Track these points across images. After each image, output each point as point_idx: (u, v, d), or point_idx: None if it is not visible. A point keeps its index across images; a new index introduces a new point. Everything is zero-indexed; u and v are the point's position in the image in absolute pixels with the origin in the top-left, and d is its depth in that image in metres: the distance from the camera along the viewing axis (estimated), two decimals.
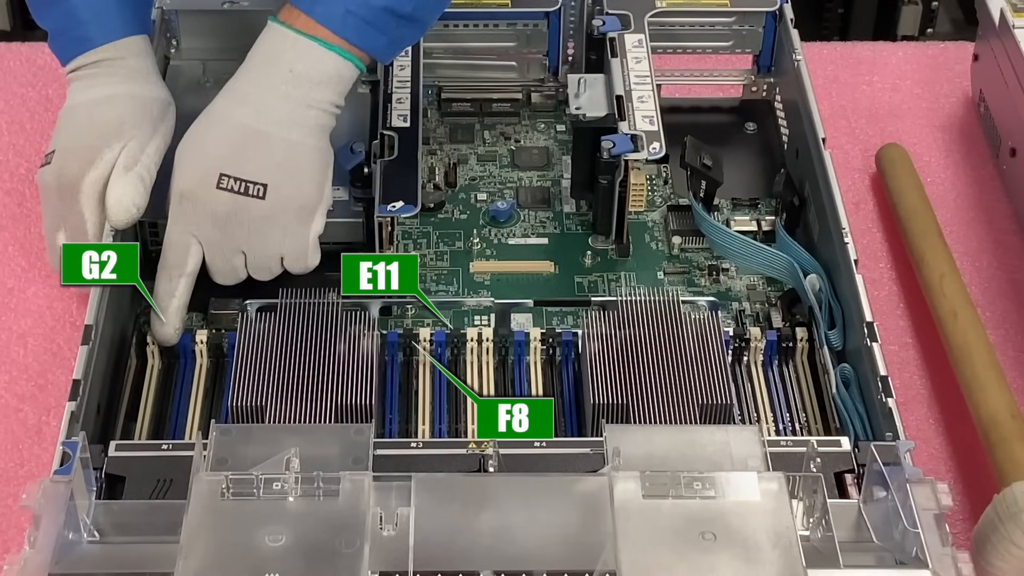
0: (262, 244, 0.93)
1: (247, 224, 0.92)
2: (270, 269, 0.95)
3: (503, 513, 0.75)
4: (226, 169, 0.91)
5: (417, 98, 1.04)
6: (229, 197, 0.91)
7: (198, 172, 0.92)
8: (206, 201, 0.92)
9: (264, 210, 0.92)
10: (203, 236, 0.93)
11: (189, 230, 0.93)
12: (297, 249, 0.94)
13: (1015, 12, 1.11)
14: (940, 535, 0.73)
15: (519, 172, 1.11)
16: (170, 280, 0.93)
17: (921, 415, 0.97)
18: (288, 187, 0.92)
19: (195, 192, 0.92)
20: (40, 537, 0.73)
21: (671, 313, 0.92)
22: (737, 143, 1.14)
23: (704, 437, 0.80)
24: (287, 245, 0.93)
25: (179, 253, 0.93)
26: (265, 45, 0.94)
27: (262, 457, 0.77)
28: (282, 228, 0.93)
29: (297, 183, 0.93)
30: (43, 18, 0.98)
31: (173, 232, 0.93)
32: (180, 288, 0.93)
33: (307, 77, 0.92)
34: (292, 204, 0.92)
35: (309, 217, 0.93)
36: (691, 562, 0.72)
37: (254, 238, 0.93)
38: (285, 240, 0.93)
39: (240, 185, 0.91)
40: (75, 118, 0.97)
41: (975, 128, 1.19)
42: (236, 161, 0.91)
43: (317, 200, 0.94)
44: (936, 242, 1.04)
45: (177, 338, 0.94)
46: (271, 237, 0.93)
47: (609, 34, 1.08)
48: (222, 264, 0.94)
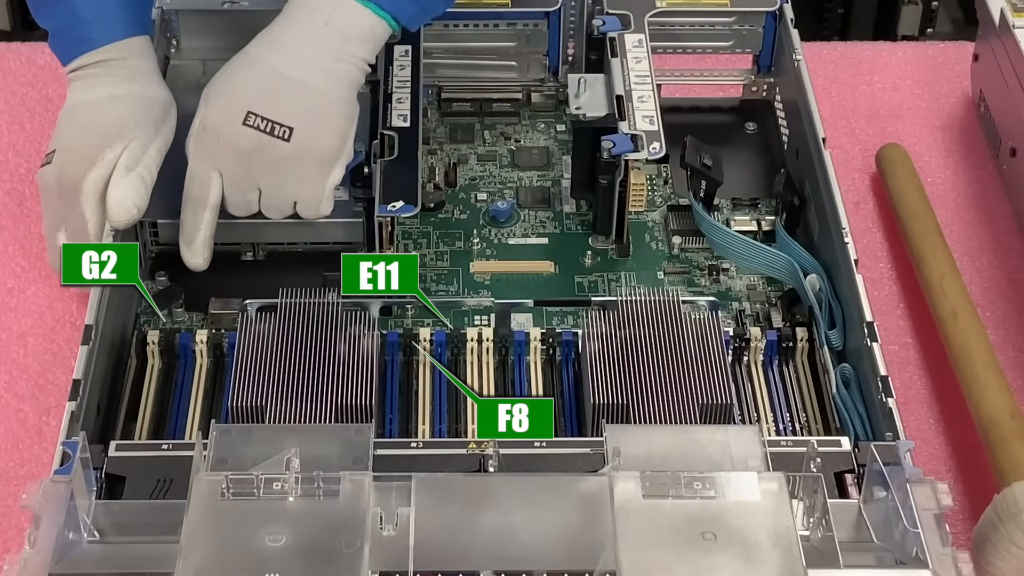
0: (279, 185, 0.94)
1: (268, 163, 0.93)
2: (282, 210, 0.96)
3: (503, 513, 0.75)
4: (254, 108, 0.92)
5: (417, 98, 1.04)
6: (254, 134, 0.92)
7: (226, 107, 0.93)
8: (231, 135, 0.93)
9: (286, 152, 0.93)
10: (224, 169, 0.94)
11: (212, 163, 0.94)
12: (312, 196, 0.95)
13: (1015, 12, 1.11)
14: (940, 535, 0.73)
15: (519, 172, 1.11)
16: (195, 213, 0.95)
17: (921, 415, 0.97)
18: (313, 133, 0.93)
19: (220, 126, 0.93)
20: (40, 537, 0.73)
21: (671, 313, 0.92)
22: (737, 143, 1.14)
23: (704, 437, 0.80)
24: (303, 190, 0.94)
25: (202, 185, 0.94)
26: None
27: (262, 457, 0.77)
28: (301, 173, 0.94)
29: (322, 131, 0.94)
30: (44, 18, 0.98)
31: (195, 165, 0.94)
32: (205, 220, 0.95)
33: (342, 31, 0.93)
34: (315, 151, 0.94)
35: (329, 166, 0.94)
36: (691, 562, 0.72)
37: (272, 178, 0.94)
38: (302, 185, 0.94)
39: (266, 124, 0.92)
40: (76, 118, 0.97)
41: (975, 128, 1.19)
42: (265, 102, 0.93)
43: (339, 150, 0.95)
44: (936, 242, 1.04)
45: (206, 266, 0.97)
46: (289, 180, 0.94)
47: (609, 34, 1.08)
48: (238, 197, 0.95)
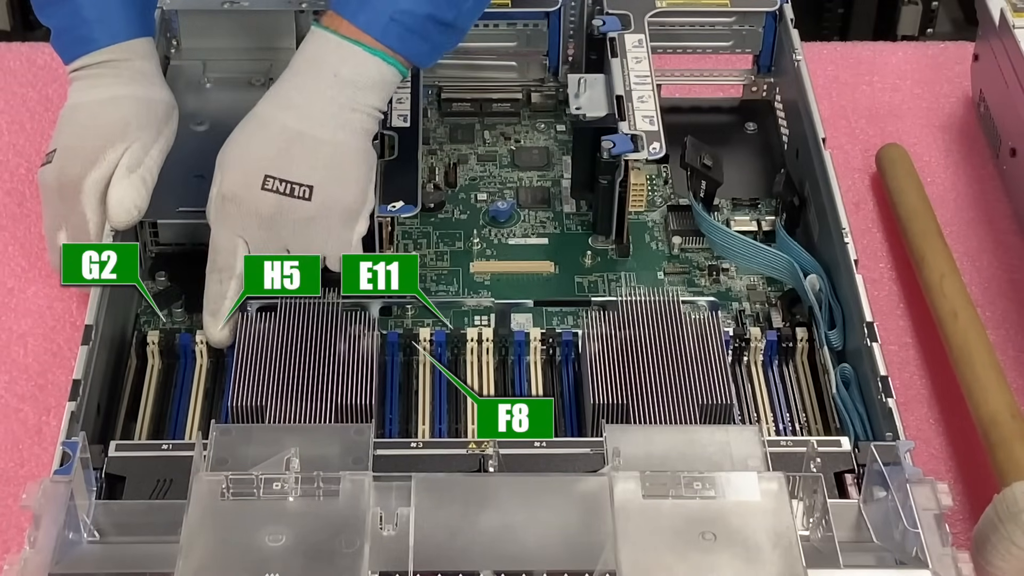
0: (306, 244, 0.92)
1: (292, 224, 0.91)
2: None
3: (503, 513, 0.75)
4: (271, 171, 0.91)
5: (417, 98, 1.04)
6: (274, 198, 0.91)
7: (243, 174, 0.91)
8: (251, 202, 0.91)
9: (309, 211, 0.91)
10: (249, 236, 0.92)
11: (235, 232, 0.92)
12: (339, 249, 0.93)
13: (1015, 12, 1.11)
14: (940, 535, 0.73)
15: (519, 172, 1.11)
16: (220, 283, 0.93)
17: (921, 415, 0.97)
18: (334, 189, 0.92)
19: (239, 194, 0.91)
20: (40, 537, 0.73)
21: (671, 313, 0.92)
22: (737, 143, 1.14)
23: (704, 437, 0.80)
24: (331, 246, 0.92)
25: (227, 256, 0.92)
26: (309, 50, 0.93)
27: (262, 457, 0.77)
28: (327, 229, 0.92)
29: (342, 185, 0.92)
30: (47, 16, 0.98)
31: (219, 236, 0.92)
32: (231, 290, 0.93)
33: (351, 81, 0.92)
34: (337, 206, 0.92)
35: (354, 219, 0.93)
36: (691, 562, 0.72)
37: (299, 238, 0.92)
38: (329, 241, 0.92)
39: (285, 187, 0.90)
40: (77, 118, 0.97)
41: (975, 128, 1.19)
42: (281, 163, 0.91)
43: (362, 202, 0.93)
44: (936, 242, 1.04)
45: (231, 340, 0.93)
46: (315, 238, 0.92)
47: (609, 34, 1.08)
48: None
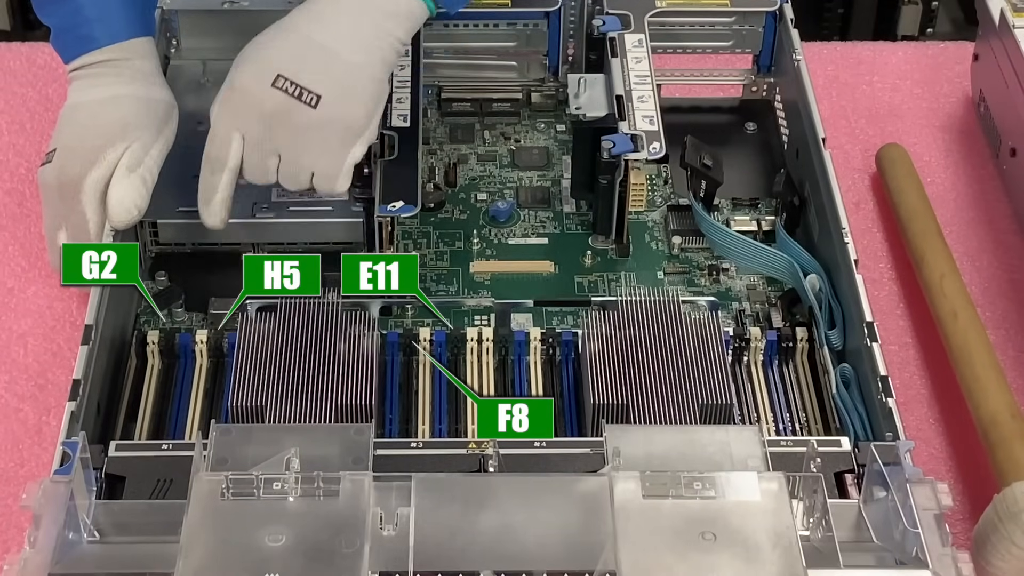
0: (300, 152, 0.93)
1: (291, 128, 0.92)
2: (299, 180, 0.95)
3: (503, 513, 0.75)
4: (284, 71, 0.92)
5: (417, 98, 1.04)
6: (282, 97, 0.92)
7: (256, 69, 0.93)
8: (258, 95, 0.92)
9: (311, 119, 0.92)
10: (247, 131, 0.93)
11: (235, 124, 0.93)
12: (330, 168, 0.94)
13: (1015, 12, 1.11)
14: (940, 535, 0.73)
15: (519, 172, 1.11)
16: (213, 174, 0.94)
17: (921, 415, 0.97)
18: (341, 104, 0.93)
19: (248, 86, 0.93)
20: (40, 537, 0.73)
21: (671, 313, 0.92)
22: (737, 143, 1.14)
23: (704, 437, 0.80)
24: (323, 162, 0.93)
25: (222, 146, 0.94)
26: None
27: (262, 457, 0.77)
28: (323, 142, 0.93)
29: (350, 103, 0.93)
30: (48, 15, 0.98)
31: (218, 125, 0.94)
32: (223, 182, 0.94)
33: (381, 8, 0.94)
34: (340, 122, 0.93)
35: (352, 140, 0.94)
36: (691, 562, 0.72)
37: (294, 144, 0.93)
38: (323, 156, 0.93)
39: (295, 89, 0.92)
40: (78, 117, 0.97)
41: (975, 128, 1.19)
42: (296, 67, 0.92)
43: (364, 126, 0.94)
44: (936, 242, 1.04)
45: (223, 227, 0.96)
46: (310, 148, 0.93)
47: (609, 34, 1.08)
48: (257, 161, 0.94)
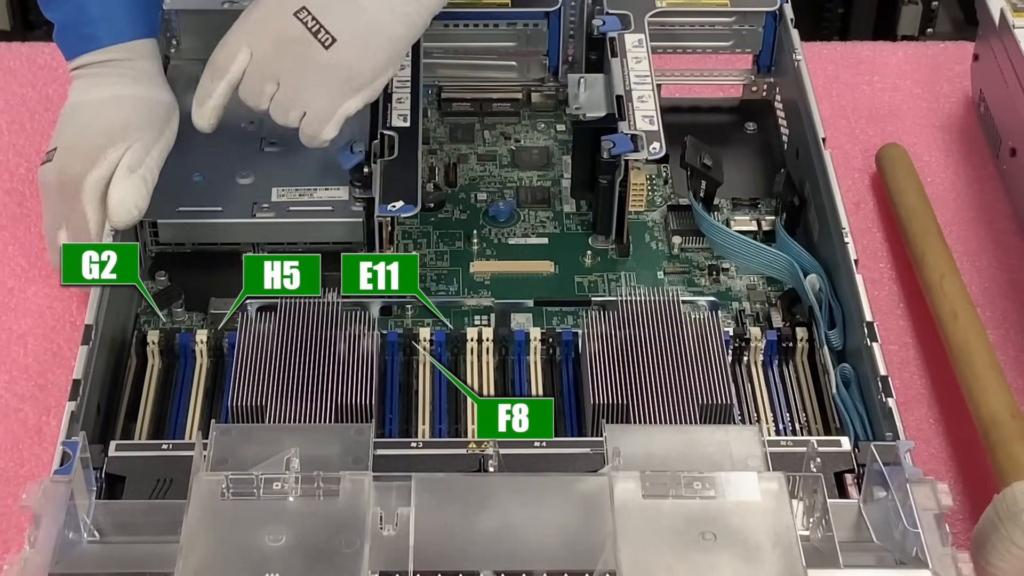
0: (299, 86, 0.94)
1: (298, 59, 0.94)
2: (288, 114, 0.95)
3: (503, 513, 0.75)
4: (310, 6, 0.93)
5: (417, 98, 1.04)
6: (300, 28, 0.93)
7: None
8: (278, 19, 0.94)
9: (320, 59, 0.93)
10: (256, 48, 0.94)
11: (246, 39, 0.95)
12: (322, 111, 0.95)
13: (1015, 12, 1.11)
14: (940, 535, 0.73)
15: (519, 172, 1.11)
16: (212, 80, 0.96)
17: (921, 415, 0.97)
18: (352, 53, 0.94)
19: (272, 7, 0.94)
20: (40, 537, 0.73)
21: (671, 313, 0.92)
22: (737, 143, 1.14)
23: (704, 437, 0.80)
24: (317, 102, 0.94)
25: (228, 56, 0.95)
26: None
27: (262, 457, 0.77)
28: (324, 83, 0.94)
29: (362, 55, 0.94)
30: (52, 10, 0.98)
31: (232, 35, 0.95)
32: (219, 90, 0.96)
33: None
34: (346, 69, 0.94)
35: (352, 91, 0.95)
36: (691, 562, 0.72)
37: (296, 76, 0.94)
38: (318, 96, 0.94)
39: (314, 25, 0.93)
40: (79, 116, 0.97)
41: (975, 128, 1.19)
42: (321, 6, 0.94)
43: (368, 82, 0.95)
44: (936, 242, 1.04)
45: (210, 131, 0.98)
46: (308, 85, 0.94)
47: (609, 34, 1.08)
48: (256, 80, 0.95)
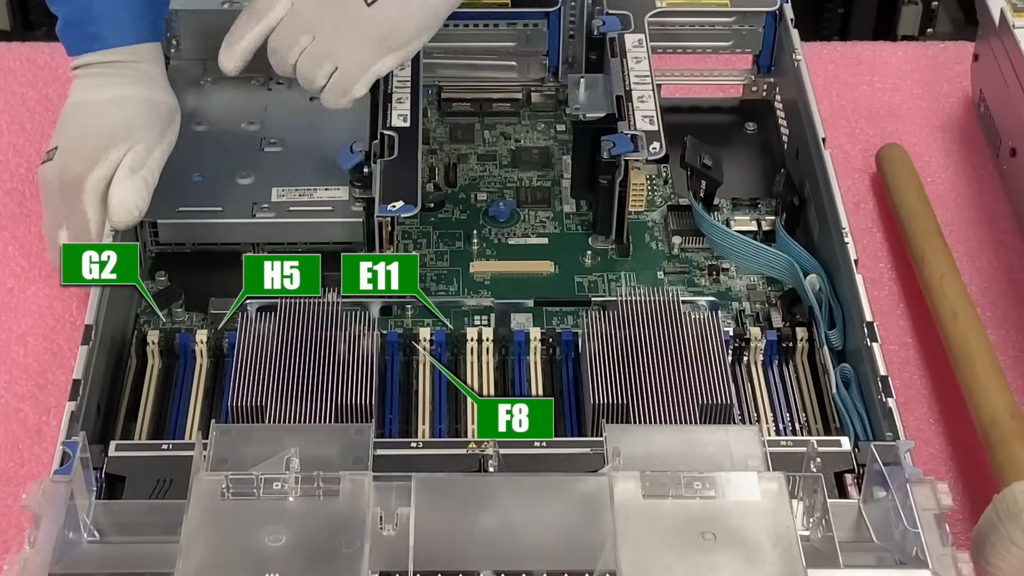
0: (334, 39, 0.94)
1: (340, 13, 0.93)
2: (316, 72, 0.95)
3: (503, 513, 0.75)
4: None
5: (417, 98, 1.04)
6: None
7: None
8: None
9: (361, 14, 0.93)
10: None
11: None
12: (352, 70, 0.95)
13: (1015, 12, 1.11)
14: (940, 535, 0.73)
15: (519, 172, 1.11)
16: (249, 20, 0.95)
17: (921, 415, 0.97)
18: (394, 13, 0.94)
19: None
20: (40, 537, 0.73)
21: (671, 313, 0.92)
22: (737, 143, 1.14)
23: (704, 437, 0.80)
24: (351, 56, 0.94)
25: (270, 1, 0.94)
26: None
27: (262, 457, 0.77)
28: (360, 39, 0.94)
29: (403, 14, 0.94)
30: (58, 5, 0.98)
31: None
32: (253, 32, 0.95)
33: None
34: (383, 28, 0.94)
35: (385, 52, 0.95)
36: (691, 562, 0.72)
37: (334, 27, 0.94)
38: (353, 50, 0.94)
39: None
40: (80, 116, 0.97)
41: (975, 128, 1.19)
42: None
43: (404, 42, 0.95)
44: (936, 242, 1.04)
45: (235, 74, 0.97)
46: (345, 38, 0.94)
47: (609, 34, 1.08)
48: (291, 30, 0.94)
